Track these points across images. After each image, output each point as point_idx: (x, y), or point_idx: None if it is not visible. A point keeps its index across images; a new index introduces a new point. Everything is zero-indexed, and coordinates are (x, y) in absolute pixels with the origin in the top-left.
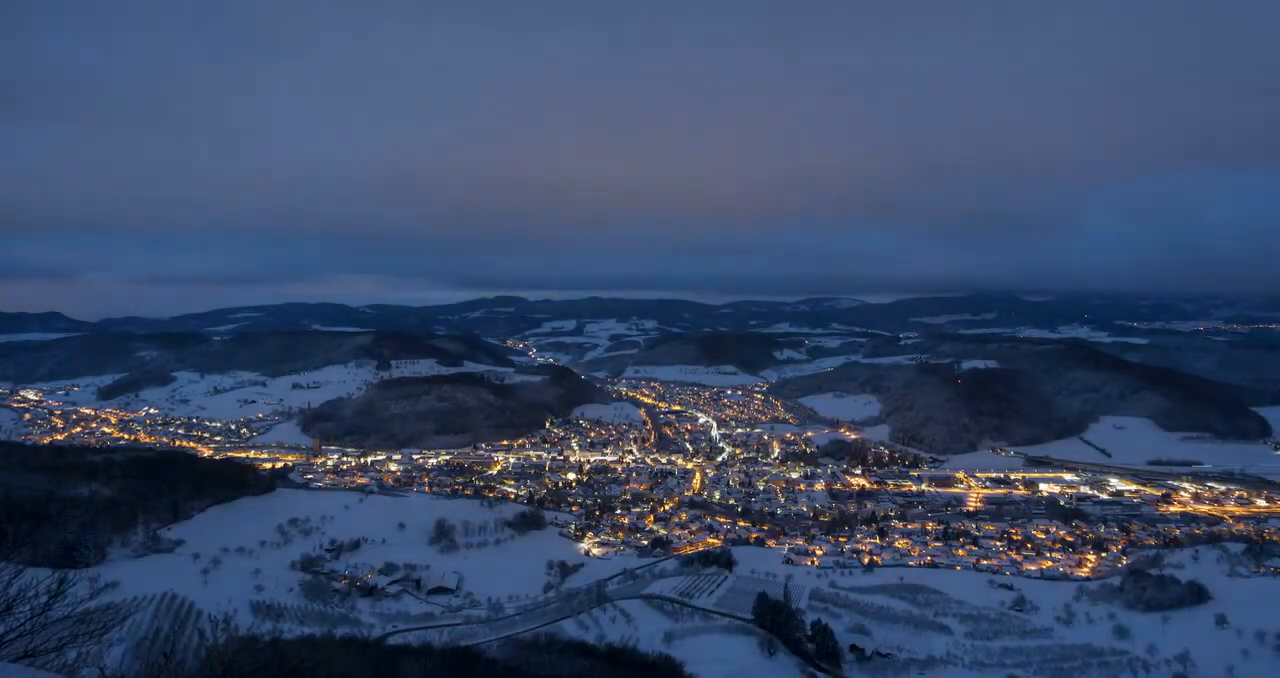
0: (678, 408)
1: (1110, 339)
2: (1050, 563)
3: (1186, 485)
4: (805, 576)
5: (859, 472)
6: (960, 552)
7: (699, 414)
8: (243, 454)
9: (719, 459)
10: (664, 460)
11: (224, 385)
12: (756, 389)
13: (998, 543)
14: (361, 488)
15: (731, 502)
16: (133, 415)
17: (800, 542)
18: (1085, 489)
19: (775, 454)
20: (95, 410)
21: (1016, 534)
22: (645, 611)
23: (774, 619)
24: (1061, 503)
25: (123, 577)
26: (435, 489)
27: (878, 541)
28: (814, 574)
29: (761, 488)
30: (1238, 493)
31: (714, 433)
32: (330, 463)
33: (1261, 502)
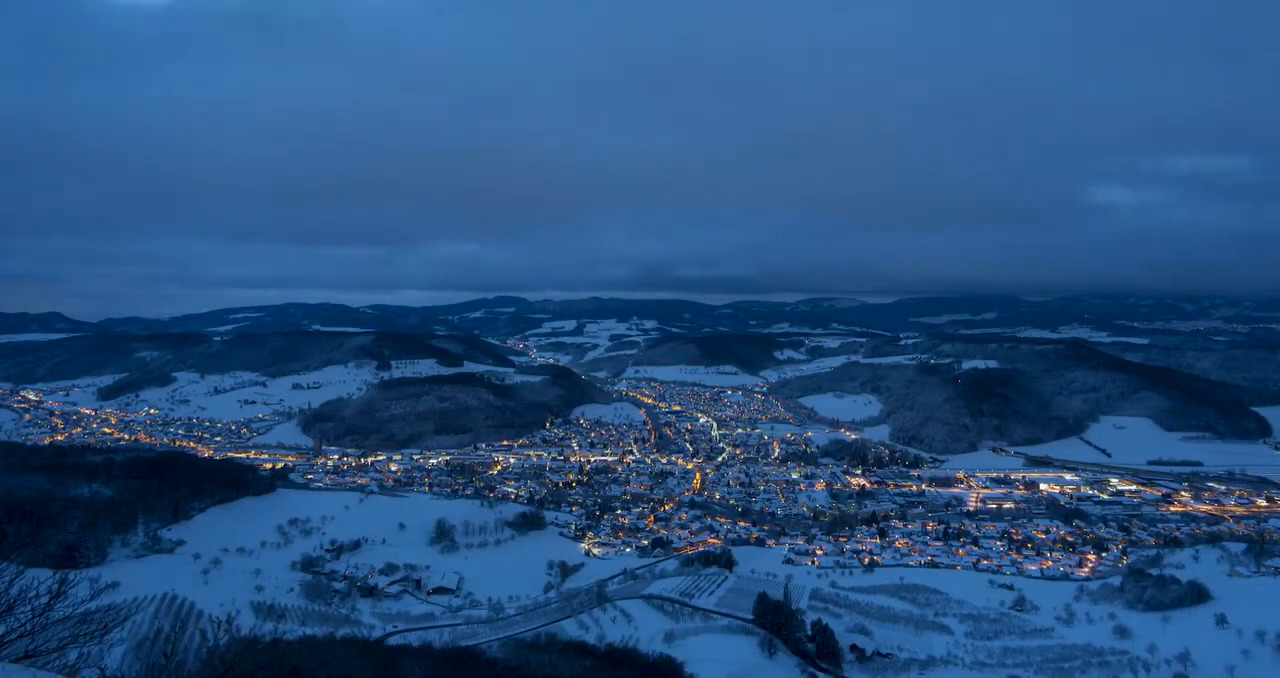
0: (678, 408)
1: (1110, 339)
2: (1050, 563)
3: (1187, 485)
4: (805, 576)
5: (859, 472)
6: (960, 552)
7: (699, 414)
8: (243, 454)
9: (719, 459)
10: (664, 461)
11: (224, 386)
12: (756, 389)
13: (998, 543)
14: (362, 488)
15: (732, 502)
16: (133, 416)
17: (800, 542)
18: (1085, 489)
19: (775, 454)
20: (95, 411)
21: (1017, 534)
22: (646, 611)
23: (774, 619)
24: (1062, 503)
25: (123, 577)
26: (436, 490)
27: (878, 541)
28: (814, 574)
29: (762, 488)
30: (1238, 493)
31: (714, 433)
32: (330, 463)
33: (1262, 502)
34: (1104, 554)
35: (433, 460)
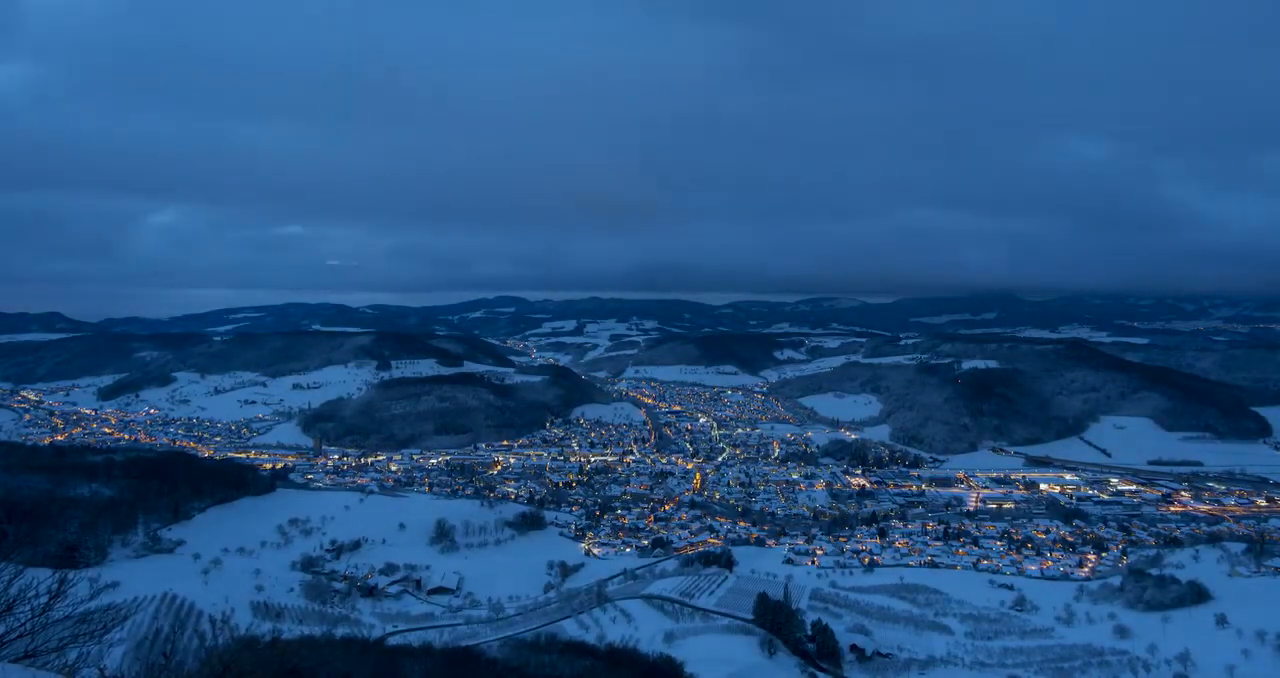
0: (678, 408)
1: (1110, 339)
2: (1050, 563)
3: (1187, 485)
4: (806, 576)
5: (859, 472)
6: (960, 552)
7: (699, 414)
8: (243, 454)
9: (719, 459)
10: (664, 461)
11: (224, 386)
12: (756, 389)
13: (998, 543)
14: (362, 488)
15: (732, 502)
16: (133, 416)
17: (801, 542)
18: (1085, 489)
19: (775, 454)
20: (95, 411)
21: (1017, 534)
22: (646, 611)
23: (774, 619)
24: (1062, 503)
25: (123, 577)
26: (436, 489)
27: (878, 541)
28: (814, 574)
29: (762, 488)
30: (1238, 493)
31: (714, 433)
32: (330, 463)
33: (1262, 501)
34: (1104, 554)
35: (433, 460)
